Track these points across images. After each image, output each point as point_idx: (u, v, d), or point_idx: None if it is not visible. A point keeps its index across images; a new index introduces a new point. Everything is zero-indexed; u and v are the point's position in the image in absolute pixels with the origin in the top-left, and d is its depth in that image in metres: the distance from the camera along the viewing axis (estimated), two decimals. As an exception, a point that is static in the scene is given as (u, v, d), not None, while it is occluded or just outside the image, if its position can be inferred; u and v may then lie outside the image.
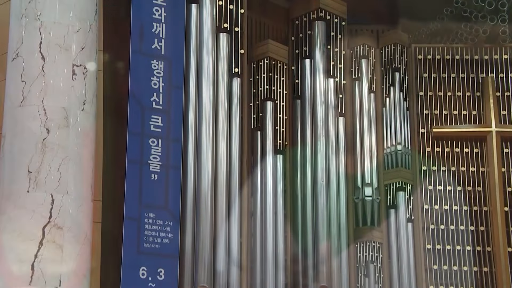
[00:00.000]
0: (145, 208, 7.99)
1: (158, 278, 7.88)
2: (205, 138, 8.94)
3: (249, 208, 9.59)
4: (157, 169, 8.17)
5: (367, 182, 10.70)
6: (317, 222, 9.93)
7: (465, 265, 10.56)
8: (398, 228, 10.60)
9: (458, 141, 11.11)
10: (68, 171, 6.48)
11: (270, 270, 9.43)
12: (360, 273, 10.36)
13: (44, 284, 6.10)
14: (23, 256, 6.13)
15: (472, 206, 10.79)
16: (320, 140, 10.33)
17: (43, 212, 6.27)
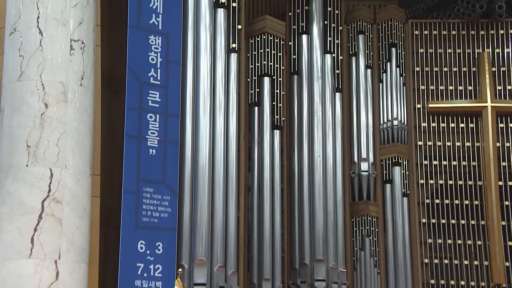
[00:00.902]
0: (143, 183, 8.03)
1: (156, 252, 7.93)
2: (203, 113, 8.97)
3: (246, 183, 9.66)
4: (155, 144, 8.20)
5: (363, 157, 10.77)
6: (314, 197, 10.01)
7: (459, 239, 10.66)
8: (394, 202, 10.69)
9: (454, 116, 11.17)
10: (67, 146, 6.49)
11: (267, 244, 9.51)
12: (356, 247, 10.47)
13: (44, 257, 6.14)
14: (22, 229, 6.16)
15: (467, 181, 10.87)
16: (317, 116, 10.37)
17: (42, 186, 6.29)
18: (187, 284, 8.31)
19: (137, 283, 7.70)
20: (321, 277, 9.61)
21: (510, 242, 10.53)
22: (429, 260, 10.61)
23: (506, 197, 10.71)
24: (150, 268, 7.83)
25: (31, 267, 6.10)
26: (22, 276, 6.06)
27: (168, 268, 7.92)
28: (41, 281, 6.10)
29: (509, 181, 10.77)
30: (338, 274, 9.81)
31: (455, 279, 10.50)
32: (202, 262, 8.40)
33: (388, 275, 10.43)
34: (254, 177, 9.82)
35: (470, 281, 10.47)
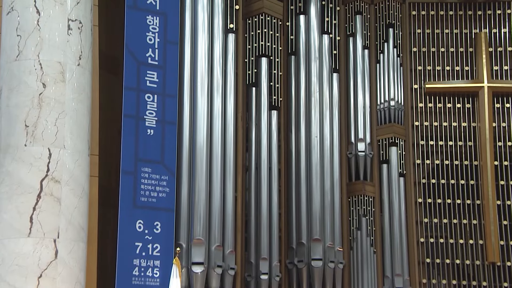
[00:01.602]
0: (141, 163, 8.09)
1: (154, 231, 8.00)
2: (200, 94, 8.99)
3: (243, 163, 9.70)
4: (153, 124, 8.24)
5: (360, 138, 10.80)
6: (311, 177, 10.05)
7: (455, 218, 10.73)
8: (390, 182, 10.74)
9: (451, 97, 11.18)
10: (65, 126, 6.53)
11: (264, 223, 9.57)
12: (352, 227, 10.53)
13: (43, 236, 6.20)
14: (21, 208, 6.21)
15: (463, 161, 10.91)
16: (314, 96, 10.39)
17: (40, 166, 6.34)
18: (185, 263, 8.39)
19: (135, 262, 7.79)
20: (318, 256, 9.68)
21: (505, 221, 10.60)
22: (425, 239, 10.68)
23: (502, 176, 10.76)
24: (148, 248, 7.91)
25: (30, 246, 6.16)
26: (21, 254, 6.12)
27: (166, 248, 8.00)
28: (40, 259, 6.16)
29: (505, 161, 10.82)
30: (334, 253, 9.87)
31: (450, 258, 10.58)
32: (200, 242, 8.46)
33: (384, 254, 10.50)
34: (252, 157, 9.86)
35: (465, 259, 10.56)
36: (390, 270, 10.41)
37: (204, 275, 8.41)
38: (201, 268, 8.38)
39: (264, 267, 9.34)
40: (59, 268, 6.21)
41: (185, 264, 8.37)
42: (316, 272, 9.62)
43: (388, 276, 10.39)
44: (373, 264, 10.39)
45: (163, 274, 7.85)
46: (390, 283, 10.36)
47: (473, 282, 10.45)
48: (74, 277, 6.33)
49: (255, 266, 9.43)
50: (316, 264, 9.65)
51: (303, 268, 9.71)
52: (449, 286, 10.50)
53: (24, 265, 6.08)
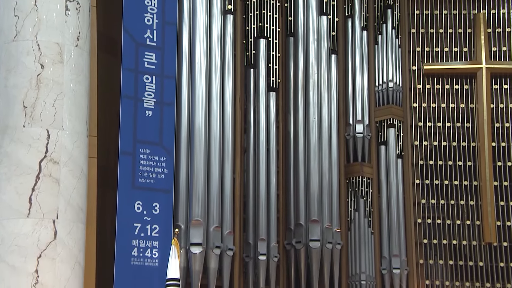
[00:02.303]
0: (139, 144, 8.10)
1: (153, 212, 8.04)
2: (199, 75, 8.99)
3: (242, 145, 9.72)
4: (151, 106, 8.25)
5: (358, 119, 10.80)
6: (309, 158, 10.07)
7: (452, 199, 10.77)
8: (388, 164, 10.76)
9: (449, 78, 11.17)
10: (63, 107, 6.53)
11: (262, 205, 9.60)
12: (350, 208, 10.56)
13: (42, 217, 6.23)
14: (20, 189, 6.24)
15: (461, 142, 10.93)
16: (313, 78, 10.37)
17: (39, 147, 6.35)
18: (184, 244, 8.43)
19: (134, 242, 7.83)
20: (316, 237, 9.71)
21: (502, 202, 10.64)
22: (422, 220, 10.72)
23: (499, 158, 10.78)
24: (147, 228, 7.96)
25: (29, 227, 6.19)
26: (20, 235, 6.15)
27: (164, 228, 8.04)
28: (40, 240, 6.19)
29: (502, 142, 10.84)
30: (332, 234, 9.91)
31: (447, 239, 10.63)
32: (198, 223, 8.50)
33: (382, 235, 10.54)
34: (250, 139, 9.88)
35: (462, 240, 10.61)
36: (387, 251, 10.46)
37: (202, 256, 8.46)
38: (200, 249, 8.43)
39: (262, 248, 9.38)
40: (58, 249, 6.25)
41: (183, 245, 8.42)
42: (314, 253, 9.67)
43: (386, 257, 10.44)
44: (371, 245, 10.44)
45: (161, 255, 7.90)
46: (388, 264, 10.42)
47: (470, 262, 10.52)
48: (73, 257, 6.37)
49: (253, 247, 9.47)
50: (314, 245, 9.69)
51: (301, 249, 9.76)
52: (446, 266, 10.57)
53: (24, 246, 6.12)
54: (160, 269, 7.82)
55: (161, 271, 7.76)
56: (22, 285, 6.00)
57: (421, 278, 10.49)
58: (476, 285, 10.41)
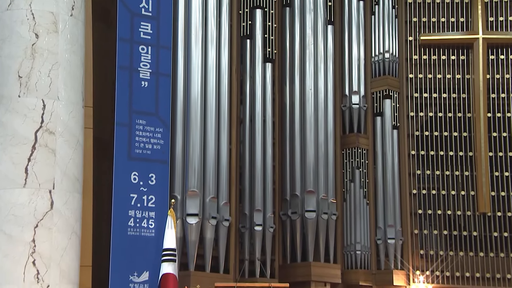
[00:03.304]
0: (135, 115, 8.08)
1: (149, 183, 8.04)
2: (195, 46, 8.95)
3: (238, 116, 9.72)
4: (147, 76, 8.21)
5: (355, 90, 10.81)
6: (305, 129, 10.09)
7: (447, 170, 10.82)
8: (384, 135, 10.80)
9: (445, 49, 11.15)
10: (59, 77, 6.48)
11: (258, 176, 9.63)
12: (346, 179, 10.62)
13: (38, 187, 6.21)
14: (16, 159, 6.21)
15: (457, 113, 10.95)
16: (309, 49, 10.35)
17: (34, 117, 6.31)
18: (180, 214, 8.47)
19: (130, 213, 7.85)
20: (312, 208, 9.78)
21: (496, 172, 10.71)
22: (417, 191, 10.79)
23: (494, 128, 10.82)
24: (143, 199, 7.96)
25: (25, 197, 6.19)
26: (17, 204, 6.15)
27: (161, 199, 8.05)
28: (36, 210, 6.19)
29: (498, 113, 10.86)
30: (328, 205, 9.98)
31: (442, 209, 10.71)
32: (194, 193, 8.53)
33: (377, 206, 10.63)
34: (246, 110, 9.88)
35: (457, 210, 10.69)
36: (382, 221, 10.55)
37: (198, 226, 8.50)
38: (196, 219, 8.47)
39: (258, 218, 9.44)
40: (55, 219, 6.25)
41: (180, 216, 8.46)
42: (309, 224, 9.74)
43: (381, 227, 10.53)
44: (366, 215, 10.51)
45: (158, 225, 7.92)
46: (383, 234, 10.50)
47: (464, 232, 10.60)
48: (70, 227, 6.38)
49: (249, 217, 9.53)
50: (310, 216, 9.75)
51: (296, 220, 9.82)
52: (440, 236, 10.66)
53: (20, 215, 6.12)
54: (156, 239, 7.85)
55: (157, 241, 7.80)
56: (19, 254, 6.02)
57: (415, 248, 10.58)
58: (470, 254, 10.51)
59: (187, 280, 8.10)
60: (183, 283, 7.56)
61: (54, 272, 6.15)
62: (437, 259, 10.46)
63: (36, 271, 6.06)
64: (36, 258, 6.08)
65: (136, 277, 7.71)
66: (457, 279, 10.41)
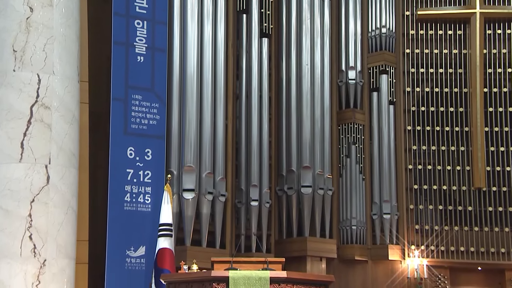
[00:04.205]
0: (131, 90, 8.07)
1: (145, 158, 8.05)
2: (191, 21, 8.89)
3: (234, 91, 9.69)
4: (142, 51, 8.19)
5: (351, 65, 10.78)
6: (301, 105, 10.07)
7: (443, 145, 10.85)
8: (380, 110, 10.79)
9: (442, 23, 11.11)
10: (54, 51, 6.45)
11: (254, 151, 9.63)
12: (342, 154, 10.63)
13: (34, 162, 6.21)
14: (11, 134, 6.20)
15: (453, 88, 10.95)
16: (305, 24, 10.29)
17: (30, 92, 6.29)
18: (176, 189, 8.49)
19: (127, 188, 7.87)
20: (308, 183, 9.80)
21: (492, 147, 10.73)
22: (413, 166, 10.81)
23: (490, 103, 10.83)
24: (139, 174, 7.98)
25: (21, 171, 6.19)
26: (13, 179, 6.15)
27: (157, 174, 8.07)
28: (32, 184, 6.20)
29: (494, 88, 10.87)
30: (324, 180, 10.00)
31: (437, 184, 10.75)
32: (190, 169, 8.54)
33: (373, 181, 10.66)
34: (242, 85, 9.85)
35: (452, 185, 10.73)
36: (378, 196, 10.59)
37: (195, 202, 8.52)
38: (192, 194, 8.49)
39: (254, 194, 9.46)
40: (51, 193, 6.26)
41: (176, 191, 8.47)
42: (305, 199, 9.76)
43: (376, 202, 10.57)
44: (362, 190, 10.55)
45: (154, 200, 7.95)
46: (378, 209, 10.55)
47: (459, 207, 10.66)
48: (66, 202, 6.39)
49: (246, 193, 9.55)
50: (306, 191, 9.77)
51: (292, 195, 9.85)
52: (436, 211, 10.71)
53: (16, 190, 6.13)
54: (152, 215, 7.88)
55: (153, 217, 7.84)
56: (15, 229, 6.03)
57: (410, 223, 10.64)
58: (465, 229, 10.58)
59: (183, 255, 8.13)
60: (179, 258, 7.59)
61: (50, 246, 6.18)
62: (432, 233, 10.52)
63: (33, 245, 6.09)
64: (33, 233, 6.10)
65: (132, 252, 7.75)
66: (452, 253, 10.48)
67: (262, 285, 5.44)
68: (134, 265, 7.74)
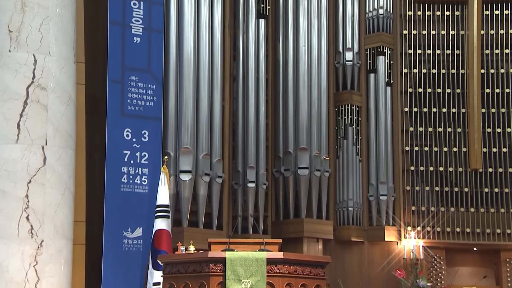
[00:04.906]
0: (128, 71, 8.06)
1: (142, 140, 8.06)
2: (187, 1, 8.85)
3: (231, 72, 9.67)
4: (139, 32, 8.16)
5: (348, 47, 10.75)
6: (298, 87, 10.06)
7: (440, 126, 10.85)
8: (377, 92, 10.78)
9: (440, 4, 11.06)
10: (50, 32, 6.43)
11: (251, 133, 9.63)
12: (339, 136, 10.63)
13: (31, 143, 6.21)
14: (8, 114, 6.19)
15: (450, 69, 10.93)
16: (303, 4, 10.24)
17: (26, 72, 6.28)
18: (173, 171, 8.50)
19: (124, 169, 7.89)
20: (305, 165, 9.81)
21: (488, 128, 10.74)
22: (409, 148, 10.82)
23: (488, 84, 10.81)
24: (136, 156, 7.99)
25: (18, 152, 6.19)
26: (9, 160, 6.15)
27: (154, 156, 8.09)
28: (29, 165, 6.20)
29: (491, 69, 10.85)
30: (321, 162, 10.01)
31: (434, 165, 10.76)
32: (187, 150, 8.54)
33: (370, 163, 10.67)
34: (239, 67, 9.83)
35: (449, 166, 10.74)
36: (375, 178, 10.61)
37: (191, 183, 8.53)
38: (189, 176, 8.49)
39: (251, 175, 9.47)
40: (48, 174, 6.27)
41: (173, 172, 8.48)
42: (302, 180, 9.78)
43: (373, 184, 10.59)
44: (359, 172, 10.56)
45: (151, 182, 7.97)
46: (375, 190, 10.57)
47: (455, 188, 10.68)
48: (63, 183, 6.40)
49: (242, 174, 9.56)
50: (303, 173, 9.79)
51: (289, 177, 9.86)
52: (432, 192, 10.74)
53: (13, 171, 6.13)
54: (149, 196, 7.91)
55: (150, 198, 7.86)
56: (12, 210, 6.05)
57: (407, 204, 10.67)
58: (461, 210, 10.61)
59: (181, 236, 8.16)
60: (176, 239, 7.62)
61: (48, 227, 6.20)
62: (428, 215, 10.56)
63: (30, 226, 6.10)
64: (30, 214, 6.12)
65: (129, 233, 7.78)
66: (448, 234, 10.52)
67: (259, 266, 5.46)
68: (131, 246, 7.77)
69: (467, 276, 10.57)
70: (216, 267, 5.50)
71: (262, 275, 5.45)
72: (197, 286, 5.58)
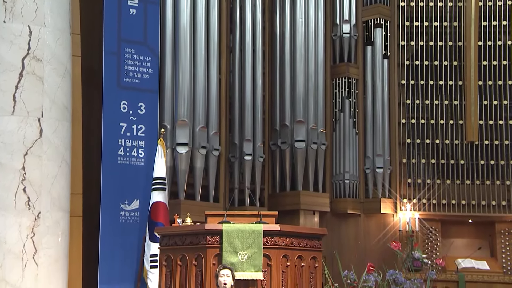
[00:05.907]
0: (124, 43, 8.00)
1: (138, 112, 8.04)
2: (183, -27, 8.79)
3: (228, 45, 9.62)
4: (135, 3, 8.10)
5: (345, 19, 10.69)
6: (295, 59, 10.01)
7: (437, 99, 10.84)
8: (374, 64, 10.76)
9: (438, -25, 11.04)
10: (44, 3, 6.38)
11: (248, 106, 9.61)
12: (335, 109, 10.63)
13: (27, 115, 6.20)
14: (3, 86, 6.17)
15: (447, 42, 10.89)
16: (299, -24, 10.18)
17: (21, 44, 6.24)
18: (170, 144, 8.49)
19: (120, 142, 7.87)
20: (301, 137, 9.81)
21: (485, 101, 10.73)
22: (406, 120, 10.83)
23: (485, 57, 10.78)
24: (133, 128, 7.98)
25: (14, 124, 6.18)
26: (5, 132, 6.15)
27: (150, 128, 8.07)
28: (25, 137, 6.20)
29: (489, 41, 10.80)
30: (317, 134, 10.01)
31: (430, 138, 10.78)
32: (184, 123, 8.52)
33: (366, 135, 10.68)
34: (236, 39, 9.77)
35: (445, 139, 10.76)
36: (371, 151, 10.63)
37: (188, 156, 8.53)
38: (186, 148, 8.49)
39: (248, 148, 9.47)
40: (44, 147, 6.27)
41: (169, 145, 8.47)
42: (299, 153, 9.78)
43: (369, 156, 10.62)
44: (355, 145, 10.58)
45: (148, 154, 7.96)
46: (371, 163, 10.60)
47: (451, 160, 10.71)
48: (59, 155, 6.40)
49: (239, 147, 9.56)
50: (299, 146, 9.79)
51: (286, 150, 9.87)
52: (428, 165, 10.77)
53: (9, 143, 6.13)
54: (146, 168, 7.91)
55: (147, 170, 7.86)
56: (9, 181, 6.05)
57: (403, 177, 10.71)
58: (457, 183, 10.65)
59: (177, 208, 8.18)
60: (173, 212, 7.64)
61: (45, 199, 6.21)
62: (424, 187, 10.60)
63: (27, 198, 6.12)
64: (27, 186, 6.13)
65: (126, 205, 7.80)
66: (443, 206, 10.58)
67: (255, 238, 5.49)
68: (128, 218, 7.79)
69: (462, 247, 10.65)
70: (213, 239, 5.53)
71: (258, 247, 5.48)
72: (194, 258, 5.62)
